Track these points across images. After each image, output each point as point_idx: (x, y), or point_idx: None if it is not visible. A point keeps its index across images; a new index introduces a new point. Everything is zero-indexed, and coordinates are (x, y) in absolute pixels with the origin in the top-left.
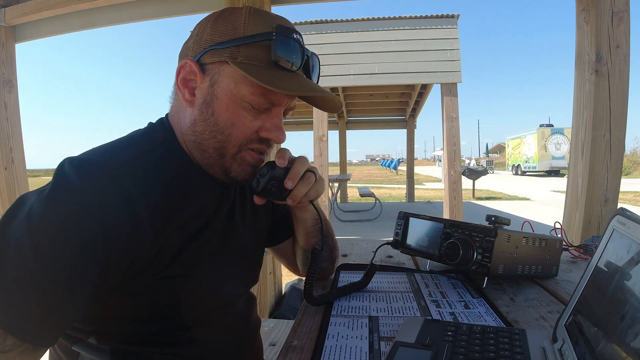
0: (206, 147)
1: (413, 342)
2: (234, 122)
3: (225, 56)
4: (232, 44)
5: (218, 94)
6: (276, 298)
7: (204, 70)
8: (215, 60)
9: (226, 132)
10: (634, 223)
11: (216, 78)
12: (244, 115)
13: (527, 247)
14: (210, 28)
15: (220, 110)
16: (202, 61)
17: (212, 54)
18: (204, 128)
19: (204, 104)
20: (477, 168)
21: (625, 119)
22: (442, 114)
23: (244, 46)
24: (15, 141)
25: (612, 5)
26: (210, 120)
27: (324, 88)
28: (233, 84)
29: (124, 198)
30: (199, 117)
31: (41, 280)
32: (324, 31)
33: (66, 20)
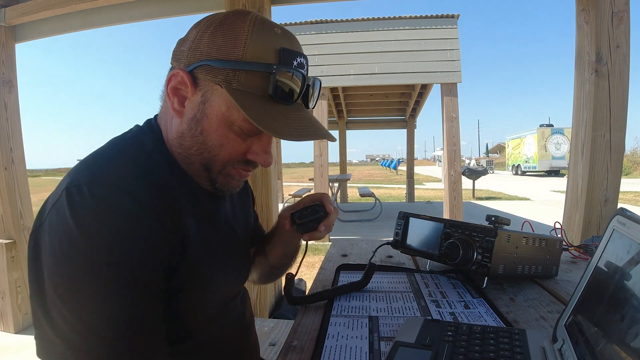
0: (192, 161)
1: (413, 342)
2: (222, 143)
3: (220, 79)
4: (229, 66)
5: (208, 114)
6: (276, 298)
7: (197, 84)
8: (209, 79)
9: (214, 152)
10: (634, 223)
11: (208, 96)
12: (232, 137)
13: (527, 247)
14: (208, 38)
15: (210, 130)
16: (195, 74)
17: (206, 70)
18: (191, 144)
19: (193, 120)
20: (477, 168)
21: (625, 119)
22: (442, 114)
23: (241, 71)
24: (15, 141)
25: (612, 5)
26: (198, 137)
27: (318, 125)
28: (225, 107)
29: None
30: (187, 132)
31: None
32: (324, 31)
33: (66, 20)
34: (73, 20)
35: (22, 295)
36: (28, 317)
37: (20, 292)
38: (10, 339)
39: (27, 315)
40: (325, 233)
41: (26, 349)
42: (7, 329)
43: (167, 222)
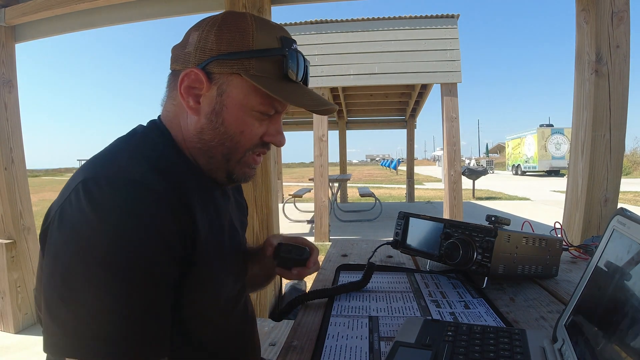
0: (214, 153)
1: (413, 342)
2: (242, 130)
3: (237, 68)
4: (243, 56)
5: (227, 104)
6: (276, 298)
7: (211, 79)
8: (224, 71)
9: (235, 139)
10: (634, 223)
11: (224, 87)
12: (251, 123)
13: (527, 247)
14: (214, 36)
15: (230, 119)
16: (208, 70)
17: (220, 63)
18: (212, 136)
19: (212, 113)
20: (477, 168)
21: (625, 119)
22: (442, 114)
23: (254, 59)
24: (15, 141)
25: (612, 5)
26: (220, 128)
27: (324, 98)
28: (242, 95)
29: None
30: (207, 126)
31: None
32: (324, 31)
33: (66, 20)
34: (73, 20)
35: (22, 295)
36: (28, 317)
37: (20, 292)
38: (10, 339)
39: (27, 315)
40: (296, 277)
41: (26, 349)
42: (7, 329)
43: (181, 217)
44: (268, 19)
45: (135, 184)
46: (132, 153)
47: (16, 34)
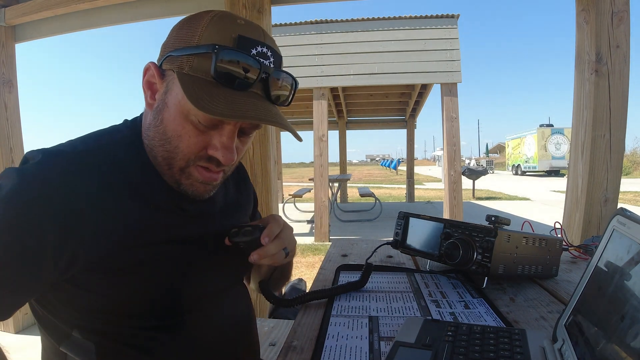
0: (156, 153)
1: (413, 342)
2: (180, 134)
3: (175, 65)
4: (185, 53)
5: (168, 103)
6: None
7: (163, 76)
8: (169, 68)
9: (173, 143)
10: (634, 223)
11: (170, 86)
12: (190, 129)
13: (527, 247)
14: (175, 32)
15: (169, 119)
16: (163, 66)
17: (169, 60)
18: (154, 134)
19: (156, 110)
20: (477, 168)
21: (625, 119)
22: (442, 114)
23: (195, 56)
24: (15, 141)
25: (612, 5)
26: (159, 127)
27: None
28: (181, 95)
29: (71, 190)
30: (152, 123)
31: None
32: (324, 31)
33: (66, 20)
34: (73, 20)
35: None
36: (28, 317)
37: None
38: (10, 338)
39: (27, 315)
40: (258, 262)
41: (26, 348)
42: (7, 329)
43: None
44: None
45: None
46: (91, 136)
47: (16, 34)
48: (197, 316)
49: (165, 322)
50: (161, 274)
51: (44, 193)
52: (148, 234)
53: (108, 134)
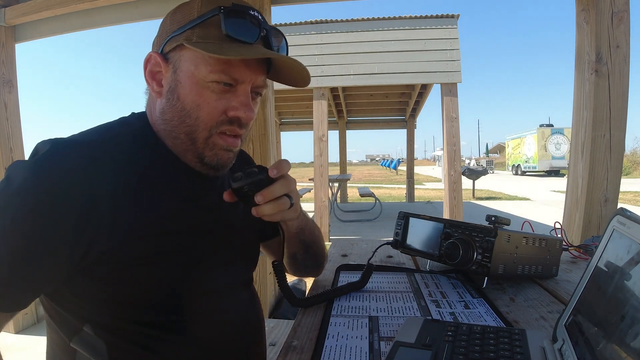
0: (177, 133)
1: (413, 342)
2: (199, 103)
3: (182, 39)
4: (187, 27)
5: (181, 79)
6: (276, 298)
7: (167, 60)
8: (174, 47)
9: (193, 115)
10: (634, 223)
11: (178, 64)
12: (208, 95)
13: (527, 247)
14: (169, 19)
15: (185, 93)
16: (165, 51)
17: (171, 41)
18: (172, 115)
19: (169, 91)
20: (477, 168)
21: (625, 119)
22: (442, 114)
23: (197, 27)
24: (15, 141)
25: (612, 5)
26: (177, 105)
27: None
28: (193, 66)
29: (84, 176)
30: (166, 105)
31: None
32: (324, 31)
33: (66, 20)
34: (73, 20)
35: None
36: (28, 317)
37: None
38: (10, 339)
39: (27, 315)
40: (267, 206)
41: (26, 349)
42: (7, 328)
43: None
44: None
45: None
46: (101, 127)
47: (16, 34)
48: (206, 315)
49: (174, 317)
50: (172, 265)
51: (62, 181)
52: (160, 223)
53: (118, 125)
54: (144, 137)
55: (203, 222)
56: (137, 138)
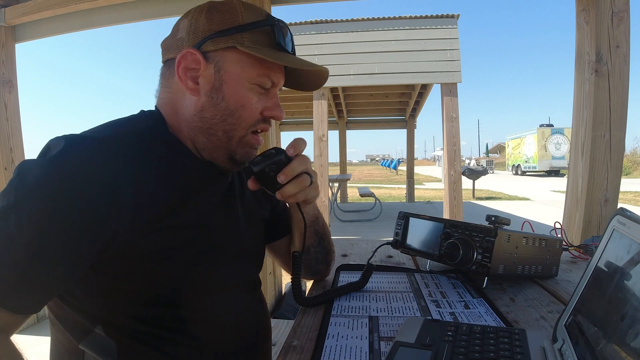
0: (215, 130)
1: (413, 342)
2: (243, 104)
3: (232, 42)
4: (235, 31)
5: (226, 79)
6: (276, 298)
7: (207, 58)
8: (219, 47)
9: (236, 114)
10: (634, 223)
11: (221, 64)
12: (251, 97)
13: (527, 247)
14: (205, 19)
15: (230, 93)
16: (204, 49)
17: (214, 42)
18: (214, 113)
19: (212, 90)
20: (477, 168)
21: (625, 119)
22: (442, 114)
23: (247, 32)
24: (15, 141)
25: (612, 5)
26: (221, 104)
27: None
28: (240, 68)
29: (105, 172)
30: (208, 103)
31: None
32: (324, 31)
33: (66, 20)
34: (73, 20)
35: None
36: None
37: None
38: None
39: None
40: (290, 185)
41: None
42: None
43: (126, 189)
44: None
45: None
46: (112, 123)
47: (16, 34)
48: (214, 315)
49: (184, 314)
50: (185, 259)
51: (81, 175)
52: (177, 217)
53: (129, 121)
54: (158, 133)
55: (215, 217)
56: (152, 134)
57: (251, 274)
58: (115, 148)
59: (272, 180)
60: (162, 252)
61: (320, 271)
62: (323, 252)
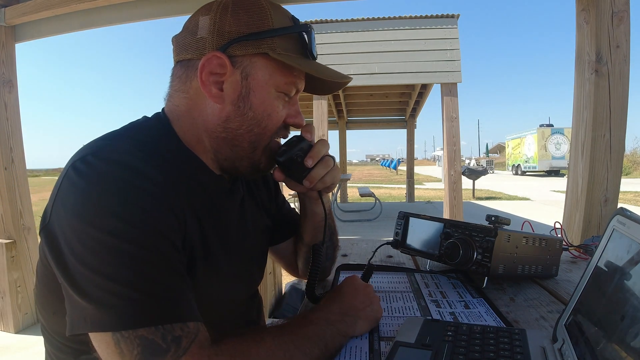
0: (240, 142)
1: (413, 342)
2: (269, 113)
3: (265, 47)
4: (266, 36)
5: (254, 87)
6: (276, 298)
7: (233, 63)
8: (249, 52)
9: (263, 124)
10: (634, 223)
11: (249, 70)
12: (276, 105)
13: (527, 247)
14: (232, 18)
15: (257, 102)
16: (230, 53)
17: (243, 45)
18: (240, 123)
19: (239, 98)
20: (477, 168)
21: (625, 119)
22: (442, 114)
23: (277, 38)
24: (15, 141)
25: (612, 5)
26: (248, 114)
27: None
28: (268, 75)
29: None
30: (234, 113)
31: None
32: (324, 31)
33: (66, 20)
34: (73, 20)
35: (22, 295)
36: (28, 317)
37: (20, 292)
38: (10, 339)
39: (27, 315)
40: (319, 168)
41: (26, 349)
42: (7, 329)
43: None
44: None
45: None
46: (127, 135)
47: (16, 34)
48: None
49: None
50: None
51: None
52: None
53: (142, 130)
54: (174, 150)
55: (235, 235)
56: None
57: (258, 281)
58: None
59: (299, 168)
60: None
61: (326, 268)
62: (332, 247)
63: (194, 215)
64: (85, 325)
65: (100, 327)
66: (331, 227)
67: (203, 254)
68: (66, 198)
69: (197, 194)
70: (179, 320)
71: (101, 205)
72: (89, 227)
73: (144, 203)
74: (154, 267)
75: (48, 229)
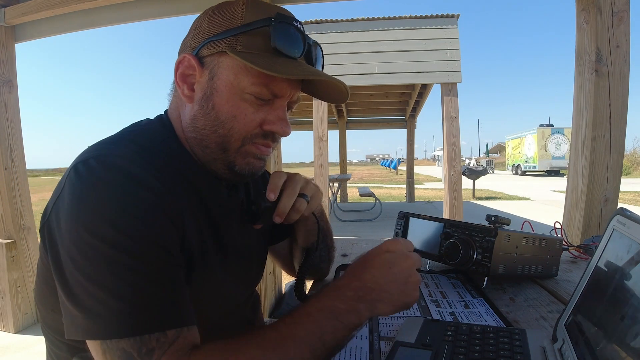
0: (207, 142)
1: (413, 342)
2: (235, 114)
3: (224, 46)
4: (230, 34)
5: (218, 87)
6: (276, 298)
7: (203, 64)
8: (213, 52)
9: (227, 125)
10: (634, 223)
11: (215, 70)
12: (245, 107)
13: (527, 247)
14: (207, 21)
15: (221, 103)
16: (201, 54)
17: (210, 46)
18: (204, 123)
19: (203, 98)
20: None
21: (625, 119)
22: (442, 114)
23: (242, 35)
24: (15, 141)
25: (612, 5)
26: (210, 114)
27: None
28: (233, 75)
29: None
30: (198, 112)
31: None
32: (324, 31)
33: (66, 20)
34: (73, 20)
35: (22, 295)
36: (28, 317)
37: (20, 292)
38: (10, 339)
39: (27, 315)
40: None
41: (26, 348)
42: (7, 329)
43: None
44: None
45: (124, 162)
46: (129, 137)
47: (16, 34)
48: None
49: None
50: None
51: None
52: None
53: (145, 134)
54: (169, 150)
55: (240, 238)
56: (163, 152)
57: (257, 282)
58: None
59: (267, 211)
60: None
61: (322, 269)
62: (326, 249)
63: (193, 219)
64: (77, 333)
65: (89, 335)
66: (324, 229)
67: (202, 256)
68: (66, 199)
69: (196, 197)
70: (158, 330)
71: (98, 212)
72: (84, 231)
73: (140, 212)
74: (143, 278)
75: (47, 226)
